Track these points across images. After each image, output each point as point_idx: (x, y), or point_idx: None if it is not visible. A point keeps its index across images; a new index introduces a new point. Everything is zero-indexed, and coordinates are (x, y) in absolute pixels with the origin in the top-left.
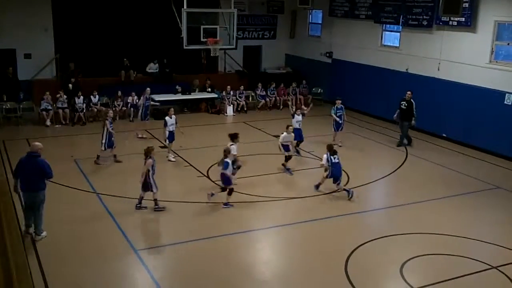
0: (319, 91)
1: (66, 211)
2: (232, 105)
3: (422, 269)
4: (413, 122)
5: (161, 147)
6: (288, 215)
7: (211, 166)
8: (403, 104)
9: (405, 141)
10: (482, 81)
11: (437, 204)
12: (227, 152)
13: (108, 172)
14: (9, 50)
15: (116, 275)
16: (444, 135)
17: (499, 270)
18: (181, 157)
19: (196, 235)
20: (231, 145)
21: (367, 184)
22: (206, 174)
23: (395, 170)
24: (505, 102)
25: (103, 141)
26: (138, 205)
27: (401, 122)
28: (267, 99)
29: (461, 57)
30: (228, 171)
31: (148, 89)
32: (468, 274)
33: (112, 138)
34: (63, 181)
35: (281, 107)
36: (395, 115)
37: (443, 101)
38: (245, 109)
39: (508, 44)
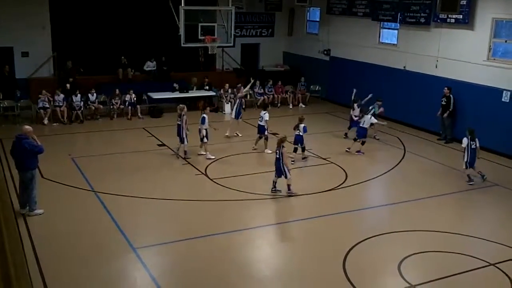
0: (317, 89)
1: (64, 210)
2: (229, 103)
3: (420, 266)
4: (445, 115)
5: (159, 145)
6: (286, 213)
7: (209, 164)
8: (443, 100)
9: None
10: (480, 79)
11: (435, 202)
12: (303, 118)
13: (106, 170)
14: (7, 48)
15: (115, 273)
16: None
17: (497, 267)
18: (179, 156)
19: (194, 233)
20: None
21: (365, 181)
22: (204, 172)
23: (393, 168)
24: (503, 100)
25: (184, 136)
26: (273, 189)
27: (442, 118)
28: (265, 97)
29: (458, 54)
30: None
31: (242, 88)
32: (466, 271)
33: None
34: (61, 180)
35: (279, 104)
36: (439, 112)
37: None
38: (243, 106)
39: (506, 41)
